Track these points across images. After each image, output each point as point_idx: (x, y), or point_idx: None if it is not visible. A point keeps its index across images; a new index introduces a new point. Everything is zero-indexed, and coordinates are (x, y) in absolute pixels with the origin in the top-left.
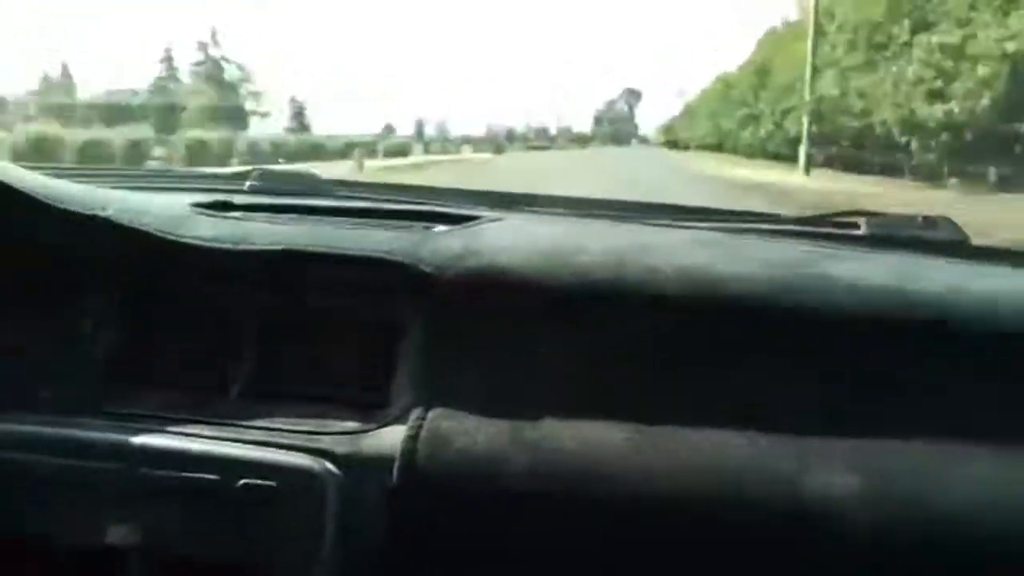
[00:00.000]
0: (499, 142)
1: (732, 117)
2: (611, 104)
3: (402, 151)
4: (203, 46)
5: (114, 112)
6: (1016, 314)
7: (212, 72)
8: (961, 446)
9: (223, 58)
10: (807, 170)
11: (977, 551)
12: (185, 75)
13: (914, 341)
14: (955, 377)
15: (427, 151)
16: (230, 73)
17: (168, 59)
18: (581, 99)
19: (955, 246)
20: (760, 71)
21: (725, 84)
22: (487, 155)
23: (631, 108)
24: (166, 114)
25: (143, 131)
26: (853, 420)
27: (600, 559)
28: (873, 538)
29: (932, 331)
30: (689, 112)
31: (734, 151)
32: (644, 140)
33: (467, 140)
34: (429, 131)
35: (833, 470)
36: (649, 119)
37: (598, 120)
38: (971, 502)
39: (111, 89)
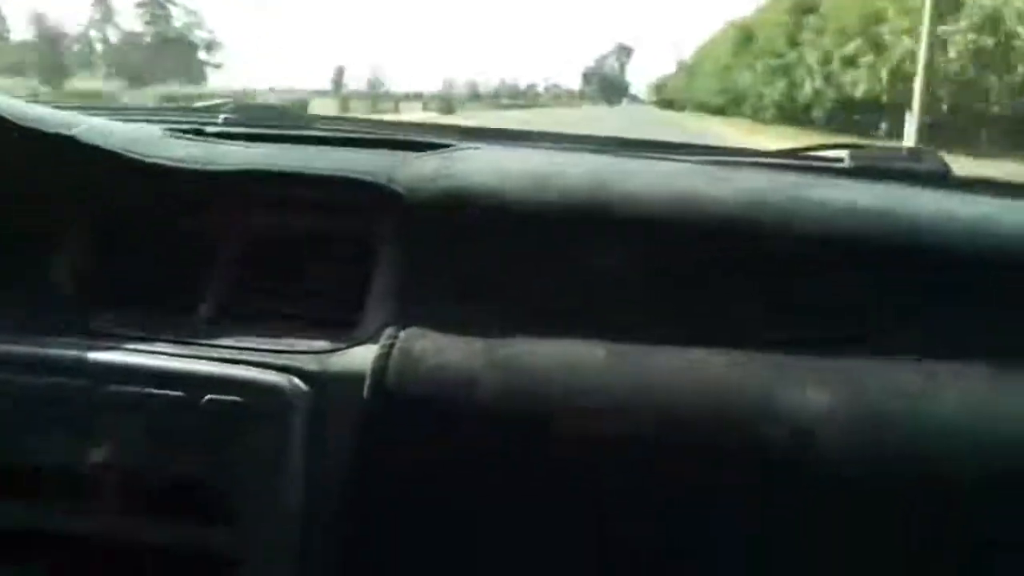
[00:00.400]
0: (451, 101)
1: (751, 71)
2: (601, 60)
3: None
4: None
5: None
6: (995, 240)
7: (157, 14)
8: (938, 367)
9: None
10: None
11: (949, 467)
12: (128, 18)
13: (895, 264)
14: (934, 300)
15: (344, 108)
16: (179, 18)
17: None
18: (569, 55)
19: (938, 177)
20: (799, 7)
21: (742, 31)
22: (432, 114)
23: (622, 65)
24: (54, 63)
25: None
26: (832, 340)
27: (572, 477)
28: (847, 452)
29: (914, 255)
30: (687, 68)
31: (754, 115)
32: (635, 99)
33: (413, 96)
34: (358, 84)
35: (809, 386)
36: (641, 77)
37: (587, 77)
38: (946, 419)
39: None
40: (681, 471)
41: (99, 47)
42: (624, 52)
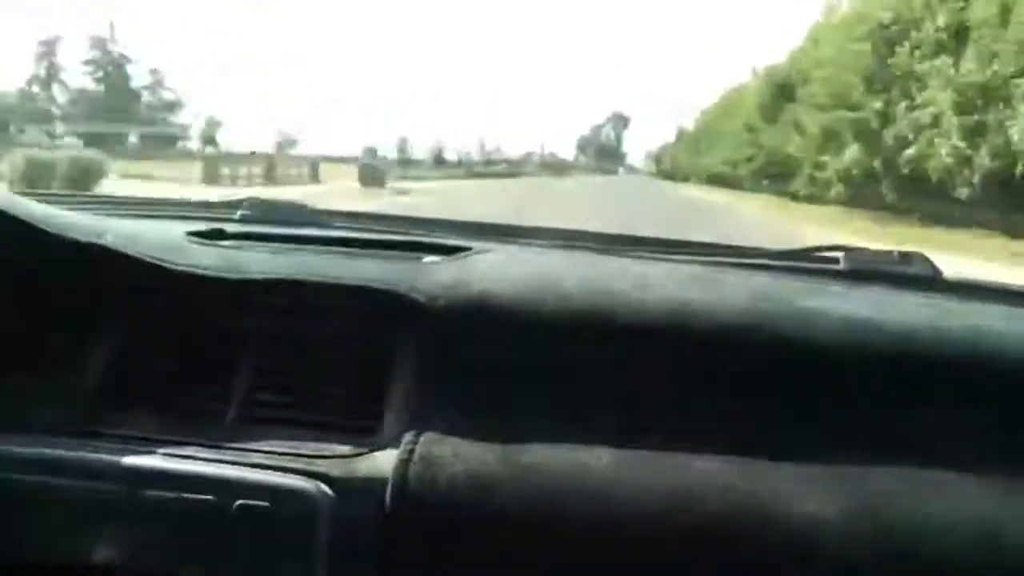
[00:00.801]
0: (366, 169)
1: (798, 130)
2: (596, 129)
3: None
4: (99, 42)
5: None
6: (985, 348)
7: (109, 72)
8: (933, 474)
9: (122, 55)
10: None
11: (949, 571)
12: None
13: (891, 372)
14: (931, 406)
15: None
16: (136, 76)
17: (48, 54)
18: (563, 123)
19: (929, 281)
20: (879, 34)
21: (775, 77)
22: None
23: (618, 135)
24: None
25: None
26: (832, 447)
27: None
28: (850, 562)
29: (907, 362)
30: (689, 136)
31: (810, 189)
32: (632, 169)
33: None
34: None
35: (813, 497)
36: (637, 146)
37: (581, 146)
38: (942, 529)
39: None
40: (690, 573)
41: (47, 104)
42: (620, 121)
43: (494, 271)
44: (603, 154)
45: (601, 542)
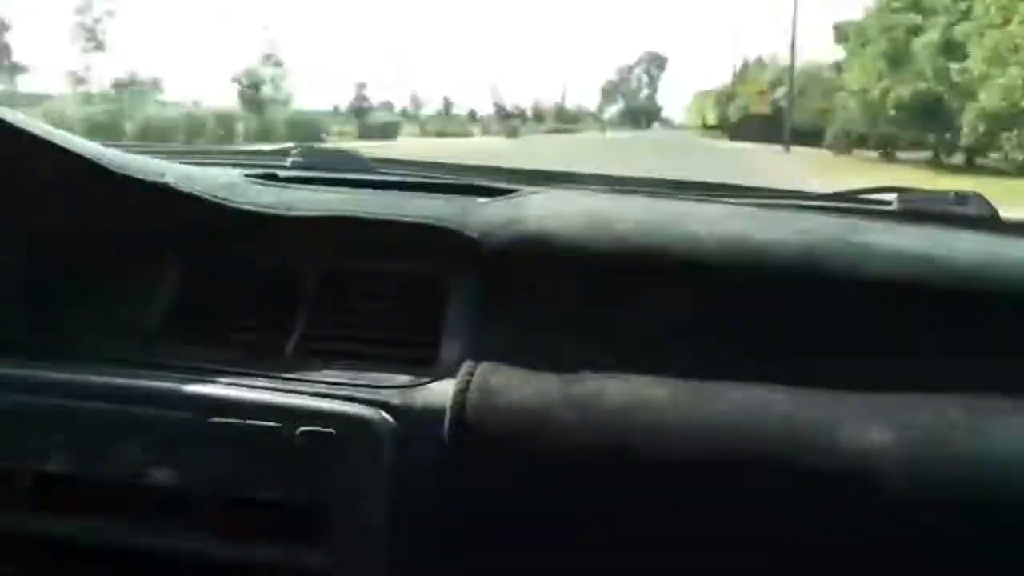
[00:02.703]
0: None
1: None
2: (626, 73)
3: None
4: None
5: None
6: None
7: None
8: (994, 403)
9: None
10: None
11: (1007, 504)
12: None
13: (947, 306)
14: (987, 340)
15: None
16: None
17: None
18: (587, 66)
19: (985, 221)
20: None
21: None
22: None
23: (652, 79)
24: None
25: None
26: (888, 379)
27: (644, 511)
28: (909, 491)
29: (964, 297)
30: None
31: None
32: (667, 123)
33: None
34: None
35: (869, 425)
36: (675, 95)
37: (607, 94)
38: (1003, 456)
39: None
40: (745, 509)
41: None
42: (655, 63)
43: (547, 208)
44: (632, 105)
45: (660, 471)
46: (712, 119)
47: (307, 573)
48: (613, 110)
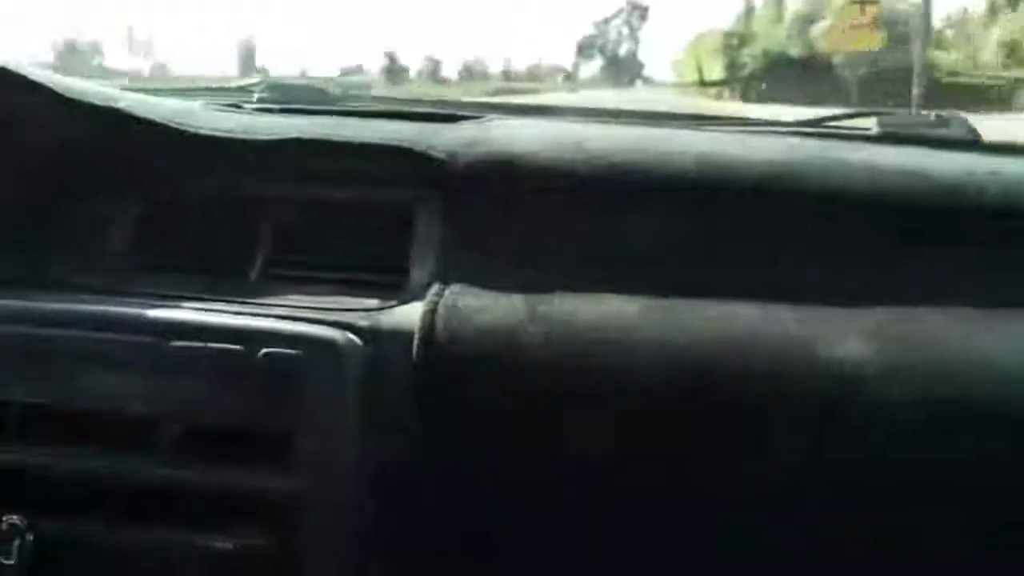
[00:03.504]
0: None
1: None
2: (603, 26)
3: None
4: None
5: None
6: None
7: None
8: (974, 313)
9: None
10: None
11: (995, 412)
12: None
13: (928, 219)
14: (970, 255)
15: None
16: None
17: None
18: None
19: (967, 143)
20: None
21: None
22: None
23: (633, 31)
24: None
25: None
26: (868, 293)
27: (615, 428)
28: (889, 403)
29: (946, 210)
30: None
31: None
32: (650, 80)
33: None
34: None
35: (848, 338)
36: (659, 48)
37: (583, 50)
38: (987, 368)
39: None
40: (720, 425)
41: None
42: (636, 13)
43: (514, 131)
44: (612, 60)
45: (631, 389)
46: (716, 71)
47: (274, 499)
48: (591, 67)
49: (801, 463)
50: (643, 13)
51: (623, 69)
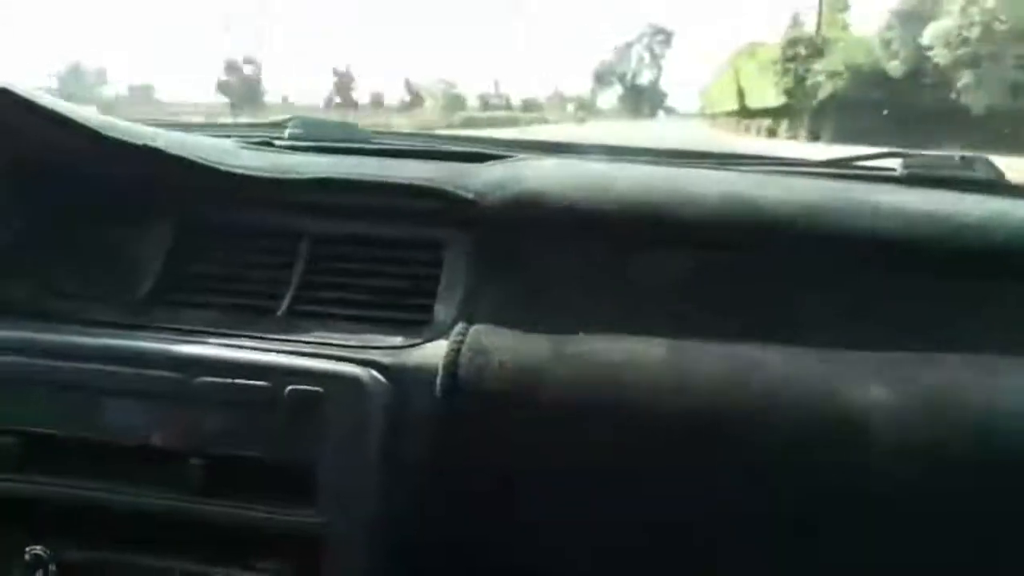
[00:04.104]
0: None
1: None
2: (623, 52)
3: None
4: None
5: None
6: None
7: None
8: (993, 362)
9: None
10: None
11: (1009, 461)
12: None
13: (951, 264)
14: (991, 299)
15: None
16: None
17: None
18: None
19: (992, 185)
20: None
21: None
22: None
23: (655, 58)
24: None
25: None
26: (887, 339)
27: (638, 470)
28: (905, 449)
29: (968, 258)
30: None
31: None
32: (673, 111)
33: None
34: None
35: (866, 383)
36: (682, 76)
37: (601, 78)
38: (1003, 413)
39: None
40: (741, 468)
41: None
42: (659, 37)
43: (544, 170)
44: (631, 89)
45: (653, 431)
46: (766, 95)
47: (295, 533)
48: (609, 96)
49: (820, 507)
50: (666, 38)
51: (644, 99)
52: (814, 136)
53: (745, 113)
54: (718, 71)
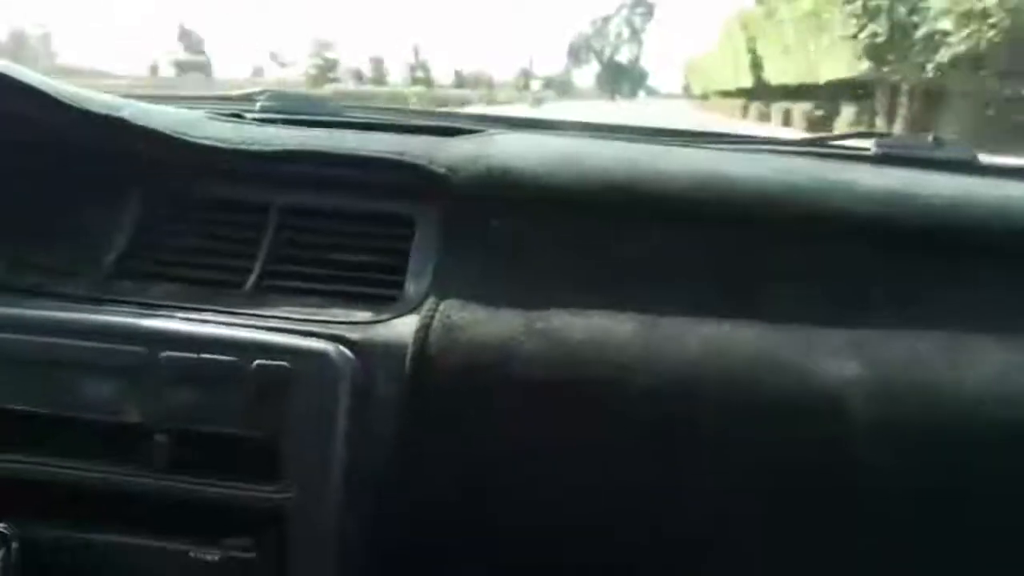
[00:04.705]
0: None
1: None
2: (601, 27)
3: None
4: None
5: None
6: (1020, 221)
7: None
8: (966, 339)
9: None
10: None
11: (981, 436)
12: None
13: (924, 241)
14: (963, 276)
15: None
16: None
17: None
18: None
19: (964, 164)
20: None
21: None
22: None
23: (635, 32)
24: None
25: None
26: (861, 315)
27: (609, 445)
28: (880, 424)
29: (942, 233)
30: None
31: None
32: (652, 91)
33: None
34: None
35: (840, 359)
36: (664, 53)
37: (575, 54)
38: (976, 389)
39: None
40: (713, 443)
41: None
42: (641, 8)
43: (515, 145)
44: (611, 68)
45: (624, 406)
46: (794, 64)
47: (262, 508)
48: (585, 74)
49: (790, 479)
50: (648, 10)
51: (623, 77)
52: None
53: (747, 92)
54: (715, 39)
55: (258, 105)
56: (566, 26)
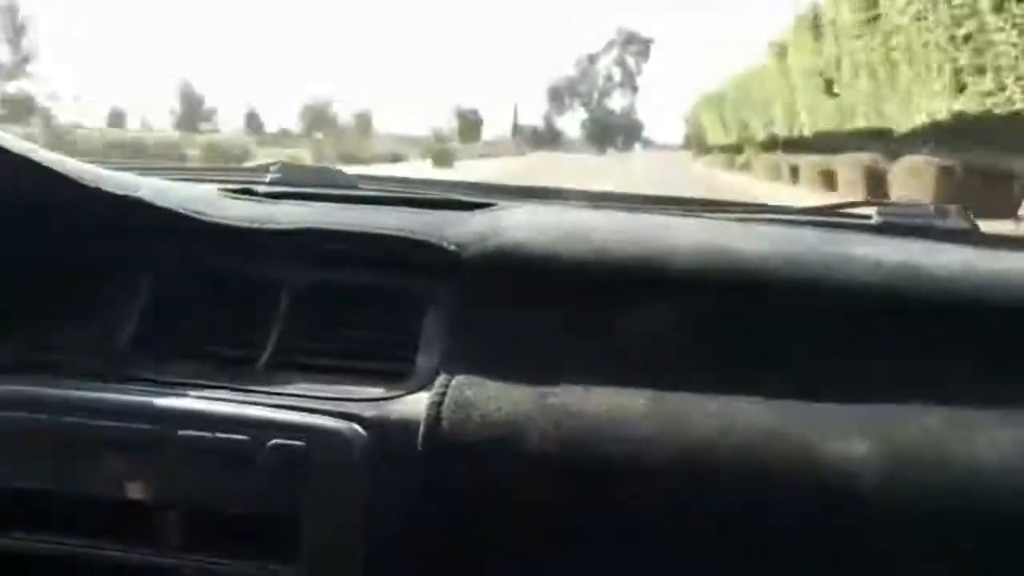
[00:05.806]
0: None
1: None
2: (586, 67)
3: None
4: None
5: None
6: (1020, 292)
7: None
8: (973, 413)
9: None
10: None
11: (989, 514)
12: None
13: (927, 315)
14: (968, 350)
15: None
16: None
17: None
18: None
19: (965, 234)
20: None
21: None
22: None
23: (628, 73)
24: None
25: None
26: (867, 391)
27: (619, 522)
28: (889, 503)
29: (943, 308)
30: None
31: None
32: (649, 143)
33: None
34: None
35: (849, 437)
36: (661, 101)
37: (555, 98)
38: (984, 467)
39: None
40: (722, 522)
41: None
42: (635, 46)
43: (524, 221)
44: (601, 118)
45: (636, 484)
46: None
47: None
48: (569, 122)
49: (801, 557)
50: (643, 48)
51: (614, 129)
52: None
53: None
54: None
55: (268, 178)
56: (546, 65)
